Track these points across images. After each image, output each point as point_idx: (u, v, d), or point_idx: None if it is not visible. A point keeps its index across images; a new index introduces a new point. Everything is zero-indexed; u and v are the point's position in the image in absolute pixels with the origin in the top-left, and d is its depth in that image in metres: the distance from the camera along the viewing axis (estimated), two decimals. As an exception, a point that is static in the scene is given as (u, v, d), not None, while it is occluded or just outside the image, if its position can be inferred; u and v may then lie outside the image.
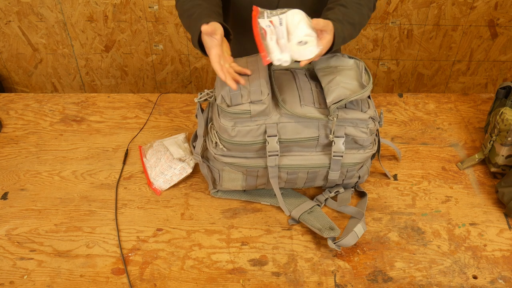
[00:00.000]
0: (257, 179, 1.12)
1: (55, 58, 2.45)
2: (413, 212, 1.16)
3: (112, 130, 1.40)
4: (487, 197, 1.20)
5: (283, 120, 1.02)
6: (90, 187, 1.22)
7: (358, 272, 1.03)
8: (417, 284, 1.01)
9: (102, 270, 1.03)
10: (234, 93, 0.98)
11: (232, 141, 1.02)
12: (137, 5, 2.24)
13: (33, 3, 2.24)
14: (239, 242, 1.09)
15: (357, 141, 1.06)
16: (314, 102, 1.03)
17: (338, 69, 1.09)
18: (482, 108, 1.48)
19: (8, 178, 1.25)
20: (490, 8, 2.23)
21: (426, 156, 1.31)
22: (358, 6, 1.10)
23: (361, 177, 1.16)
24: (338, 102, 0.99)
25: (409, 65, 2.46)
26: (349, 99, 0.99)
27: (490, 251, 1.07)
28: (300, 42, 0.94)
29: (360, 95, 1.00)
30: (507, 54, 2.41)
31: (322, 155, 1.07)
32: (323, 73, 1.08)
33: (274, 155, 1.03)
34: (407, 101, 1.51)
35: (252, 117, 1.00)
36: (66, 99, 1.52)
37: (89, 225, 1.13)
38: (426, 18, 2.27)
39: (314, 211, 1.13)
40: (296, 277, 1.02)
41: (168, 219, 1.14)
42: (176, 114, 1.45)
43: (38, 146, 1.34)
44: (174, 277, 1.02)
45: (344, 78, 1.05)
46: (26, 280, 1.01)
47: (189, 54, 2.42)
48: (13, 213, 1.15)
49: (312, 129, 1.03)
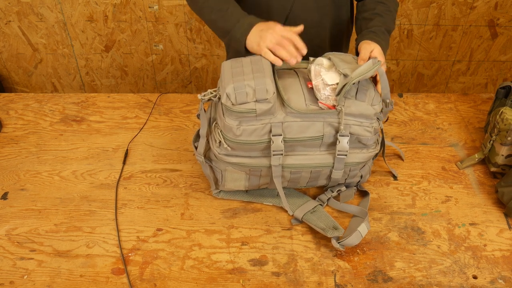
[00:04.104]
0: (260, 178, 1.12)
1: (55, 58, 2.45)
2: (413, 212, 1.16)
3: (112, 130, 1.40)
4: (487, 197, 1.20)
5: (288, 119, 1.02)
6: (90, 187, 1.22)
7: (358, 272, 1.03)
8: (417, 284, 1.01)
9: (102, 270, 1.03)
10: (239, 92, 0.98)
11: (237, 140, 1.02)
12: (137, 5, 2.24)
13: (33, 3, 2.24)
14: (239, 242, 1.09)
15: (361, 140, 1.07)
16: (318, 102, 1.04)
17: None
18: (482, 108, 1.48)
19: (8, 178, 1.25)
20: (490, 8, 2.23)
21: (426, 156, 1.31)
22: (390, 14, 1.24)
23: (363, 176, 1.16)
24: (342, 88, 0.99)
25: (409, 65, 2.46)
26: (361, 76, 0.99)
27: (490, 251, 1.07)
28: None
29: (372, 70, 0.99)
30: (507, 54, 2.41)
31: (326, 155, 1.07)
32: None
33: (278, 154, 1.03)
34: (407, 101, 1.51)
35: (257, 116, 1.00)
36: (66, 99, 1.52)
37: (89, 225, 1.13)
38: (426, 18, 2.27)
39: (317, 211, 1.13)
40: (296, 277, 1.02)
41: (168, 219, 1.14)
42: (176, 114, 1.45)
43: (38, 146, 1.34)
44: (174, 277, 1.02)
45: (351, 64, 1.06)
46: (26, 280, 1.01)
47: (189, 54, 2.42)
48: (13, 213, 1.16)
49: (317, 128, 1.03)
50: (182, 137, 1.37)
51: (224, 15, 1.15)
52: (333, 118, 1.02)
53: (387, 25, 1.21)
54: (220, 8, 1.16)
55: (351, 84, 0.98)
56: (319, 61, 1.06)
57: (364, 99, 1.03)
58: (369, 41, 1.13)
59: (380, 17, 1.21)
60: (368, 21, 1.22)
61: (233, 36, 1.13)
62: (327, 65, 1.05)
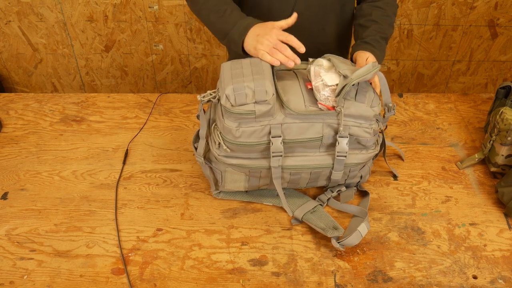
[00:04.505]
0: (260, 180, 1.12)
1: (55, 58, 2.45)
2: (413, 212, 1.16)
3: (112, 130, 1.40)
4: (487, 197, 1.20)
5: (288, 120, 1.02)
6: (90, 187, 1.22)
7: (358, 272, 1.03)
8: (417, 284, 1.01)
9: (102, 270, 1.03)
10: (239, 93, 0.98)
11: (236, 142, 1.02)
12: (137, 5, 2.24)
13: (33, 3, 2.24)
14: (239, 242, 1.09)
15: (360, 141, 1.06)
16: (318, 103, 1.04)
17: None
18: (482, 108, 1.48)
19: (8, 178, 1.25)
20: (490, 8, 2.23)
21: (426, 156, 1.31)
22: (387, 19, 1.22)
23: (363, 176, 1.16)
24: (342, 89, 0.99)
25: (409, 65, 2.46)
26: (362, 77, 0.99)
27: (490, 251, 1.07)
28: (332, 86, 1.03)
29: (372, 72, 0.99)
30: (507, 54, 2.41)
31: (326, 156, 1.07)
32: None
33: (278, 155, 1.03)
34: (407, 101, 1.51)
35: (256, 118, 1.00)
36: (66, 99, 1.52)
37: (89, 225, 1.13)
38: (426, 18, 2.27)
39: (317, 211, 1.13)
40: (296, 277, 1.02)
41: (168, 219, 1.14)
42: (176, 114, 1.45)
43: (38, 146, 1.34)
44: (174, 277, 1.02)
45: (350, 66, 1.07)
46: (26, 280, 1.01)
47: (189, 54, 2.42)
48: (13, 213, 1.16)
49: (316, 129, 1.03)
50: (182, 137, 1.37)
51: (222, 17, 1.15)
52: (332, 119, 1.02)
53: (383, 32, 1.20)
54: (218, 10, 1.16)
55: (351, 85, 0.98)
56: (319, 62, 1.06)
57: (364, 100, 1.03)
58: (364, 51, 1.15)
59: (375, 24, 1.21)
60: (363, 29, 1.22)
61: (231, 39, 1.13)
62: (326, 66, 1.05)
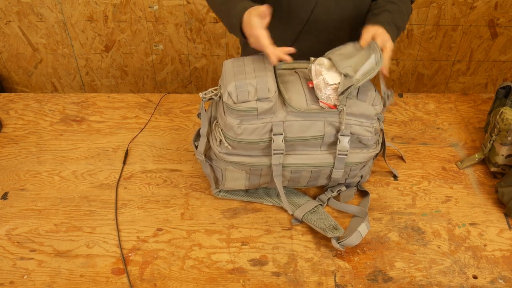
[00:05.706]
0: (261, 178, 1.12)
1: (55, 58, 2.45)
2: (413, 212, 1.16)
3: (112, 130, 1.40)
4: (487, 197, 1.20)
5: (290, 118, 1.02)
6: (90, 187, 1.22)
7: (358, 272, 1.03)
8: (417, 284, 1.01)
9: (102, 270, 1.03)
10: (241, 90, 0.98)
11: (238, 139, 1.02)
12: (137, 5, 2.24)
13: (33, 3, 2.24)
14: (239, 242, 1.09)
15: (361, 140, 1.07)
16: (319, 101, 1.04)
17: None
18: (482, 108, 1.48)
19: (8, 178, 1.25)
20: (490, 8, 2.23)
21: (426, 156, 1.31)
22: (400, 14, 1.18)
23: (363, 176, 1.17)
24: (347, 89, 0.99)
25: (409, 65, 2.46)
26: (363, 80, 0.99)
27: (490, 251, 1.07)
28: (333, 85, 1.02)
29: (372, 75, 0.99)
30: (507, 54, 2.41)
31: (327, 154, 1.07)
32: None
33: (279, 153, 1.04)
34: (407, 101, 1.51)
35: (258, 115, 1.00)
36: (66, 99, 1.52)
37: (89, 225, 1.13)
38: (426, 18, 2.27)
39: (317, 211, 1.13)
40: (296, 277, 1.02)
41: (168, 219, 1.14)
42: (176, 114, 1.45)
43: (38, 146, 1.34)
44: (174, 277, 1.02)
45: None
46: (26, 280, 1.01)
47: (189, 54, 2.42)
48: (13, 213, 1.16)
49: (318, 127, 1.03)
50: (182, 137, 1.37)
51: (228, 2, 1.11)
52: (334, 118, 1.03)
53: (395, 21, 1.15)
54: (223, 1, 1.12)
55: (357, 86, 0.98)
56: (320, 61, 1.06)
57: (365, 99, 1.03)
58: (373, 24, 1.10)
59: (388, 13, 1.16)
60: (375, 16, 1.17)
61: (233, 24, 1.08)
62: (327, 65, 1.05)
